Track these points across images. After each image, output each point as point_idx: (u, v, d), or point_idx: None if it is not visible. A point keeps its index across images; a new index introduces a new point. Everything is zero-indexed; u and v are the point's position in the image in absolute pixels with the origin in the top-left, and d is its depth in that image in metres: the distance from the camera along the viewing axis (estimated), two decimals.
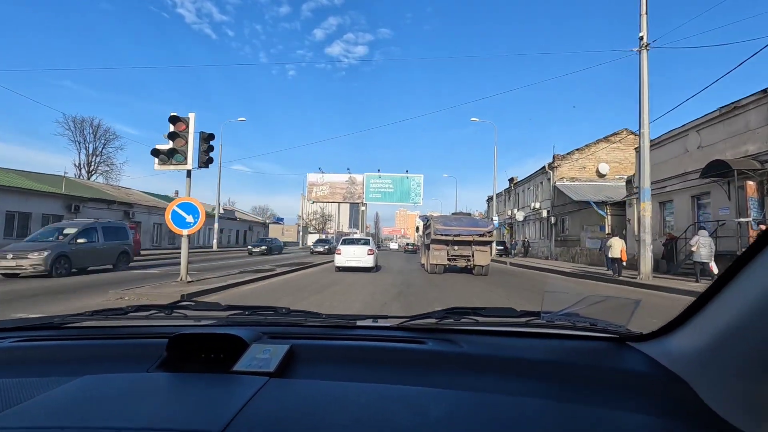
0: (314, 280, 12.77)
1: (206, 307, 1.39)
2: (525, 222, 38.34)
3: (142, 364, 0.92)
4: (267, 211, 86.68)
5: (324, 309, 1.91)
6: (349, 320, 1.21)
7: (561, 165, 31.53)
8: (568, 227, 29.03)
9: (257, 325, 1.17)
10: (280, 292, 9.85)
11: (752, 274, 0.64)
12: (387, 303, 8.25)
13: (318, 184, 44.41)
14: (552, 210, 31.44)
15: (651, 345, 0.92)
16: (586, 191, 27.94)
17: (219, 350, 0.92)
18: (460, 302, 8.80)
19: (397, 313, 3.47)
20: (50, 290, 9.34)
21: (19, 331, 1.18)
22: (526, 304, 6.59)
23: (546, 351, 0.97)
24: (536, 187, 35.89)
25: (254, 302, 6.55)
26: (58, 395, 0.75)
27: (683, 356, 0.79)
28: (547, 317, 1.13)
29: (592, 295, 1.24)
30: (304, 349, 0.94)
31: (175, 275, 10.50)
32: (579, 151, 31.43)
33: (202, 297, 8.27)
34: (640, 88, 13.24)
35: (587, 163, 31.18)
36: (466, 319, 1.13)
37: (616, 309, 1.15)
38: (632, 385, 0.82)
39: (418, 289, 10.91)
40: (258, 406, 0.69)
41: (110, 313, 1.29)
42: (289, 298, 8.69)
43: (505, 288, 11.90)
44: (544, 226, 33.77)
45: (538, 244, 34.32)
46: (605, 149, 30.72)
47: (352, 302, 8.29)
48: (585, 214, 25.82)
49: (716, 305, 0.73)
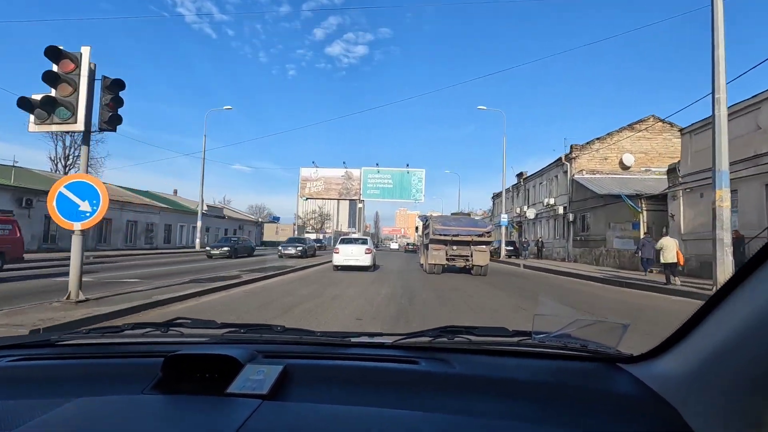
0: (285, 292, 9.58)
1: (202, 325, 1.37)
2: (536, 220, 35.10)
3: (137, 384, 0.91)
4: (264, 210, 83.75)
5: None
6: (343, 338, 1.22)
7: (579, 156, 28.24)
8: (589, 225, 25.72)
9: (252, 343, 1.18)
10: (228, 314, 6.72)
11: (739, 298, 0.65)
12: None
13: (312, 180, 41.25)
14: (569, 206, 28.17)
15: (640, 367, 0.92)
16: (610, 185, 24.69)
17: (214, 370, 0.92)
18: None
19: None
20: None
21: (16, 348, 1.19)
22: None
23: (537, 371, 0.97)
24: (550, 181, 32.62)
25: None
26: (53, 419, 0.75)
27: (670, 379, 0.80)
28: (538, 338, 1.12)
29: (581, 318, 1.21)
30: (298, 370, 0.95)
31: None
32: (600, 141, 28.14)
33: (94, 323, 5.32)
34: (713, 35, 10.00)
35: (609, 153, 27.90)
36: (459, 338, 1.14)
37: (606, 332, 1.16)
38: (620, 407, 0.82)
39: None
40: (251, 430, 0.69)
41: (106, 331, 1.32)
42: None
43: (525, 297, 9.49)
44: (559, 224, 30.52)
45: (552, 244, 31.08)
46: (629, 138, 27.45)
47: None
48: (612, 210, 22.54)
49: (703, 329, 0.74)
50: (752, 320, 0.61)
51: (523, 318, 6.69)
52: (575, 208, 27.36)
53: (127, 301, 6.81)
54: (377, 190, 40.28)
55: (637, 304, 9.35)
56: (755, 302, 0.61)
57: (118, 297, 7.31)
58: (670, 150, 27.18)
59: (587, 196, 25.42)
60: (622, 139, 27.47)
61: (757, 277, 0.62)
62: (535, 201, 36.15)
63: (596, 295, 10.56)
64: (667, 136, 27.33)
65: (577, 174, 27.86)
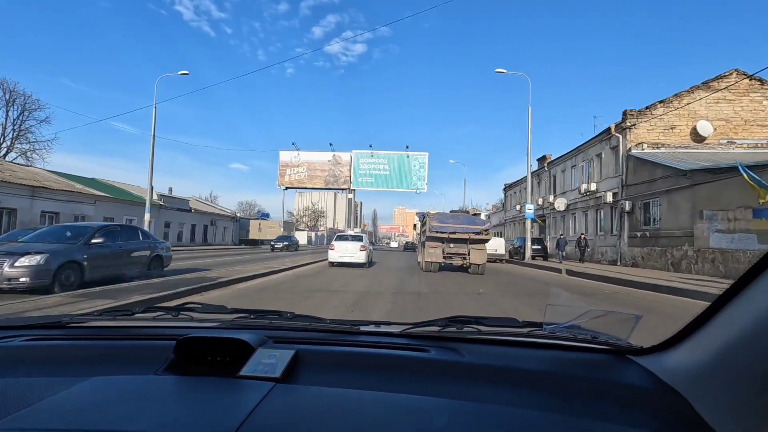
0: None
1: (212, 310, 1.40)
2: (568, 212, 28.21)
3: (149, 365, 0.92)
4: (255, 207, 77.01)
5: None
6: (352, 325, 1.22)
7: (637, 125, 21.23)
8: (659, 215, 18.65)
9: (262, 328, 1.17)
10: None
11: (754, 292, 0.66)
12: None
13: (292, 165, 34.09)
14: (623, 191, 21.21)
15: (650, 359, 0.93)
16: (685, 161, 17.79)
17: (225, 353, 0.92)
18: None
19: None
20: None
21: (28, 329, 1.21)
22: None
23: (546, 362, 0.97)
24: (589, 162, 25.63)
25: None
26: (69, 397, 0.77)
27: (682, 371, 0.80)
28: (549, 329, 1.12)
29: (593, 308, 1.21)
30: (309, 355, 0.95)
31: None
32: (663, 105, 21.11)
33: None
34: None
35: (677, 121, 20.95)
36: (469, 328, 1.13)
37: (618, 323, 1.14)
38: (630, 398, 0.82)
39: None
40: (265, 412, 0.70)
41: (118, 313, 1.33)
42: None
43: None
44: (605, 216, 23.61)
45: (593, 242, 24.15)
46: (704, 102, 20.49)
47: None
48: (705, 192, 15.58)
49: (717, 322, 0.74)
50: (765, 315, 0.62)
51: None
52: (632, 193, 20.36)
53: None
54: (371, 178, 33.10)
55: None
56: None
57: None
58: (760, 116, 20.33)
59: (655, 176, 18.50)
60: (693, 101, 20.50)
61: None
62: (564, 189, 29.24)
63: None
64: (756, 97, 20.45)
65: (634, 148, 20.88)
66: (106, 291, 7.18)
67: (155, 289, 7.21)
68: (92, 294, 6.78)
